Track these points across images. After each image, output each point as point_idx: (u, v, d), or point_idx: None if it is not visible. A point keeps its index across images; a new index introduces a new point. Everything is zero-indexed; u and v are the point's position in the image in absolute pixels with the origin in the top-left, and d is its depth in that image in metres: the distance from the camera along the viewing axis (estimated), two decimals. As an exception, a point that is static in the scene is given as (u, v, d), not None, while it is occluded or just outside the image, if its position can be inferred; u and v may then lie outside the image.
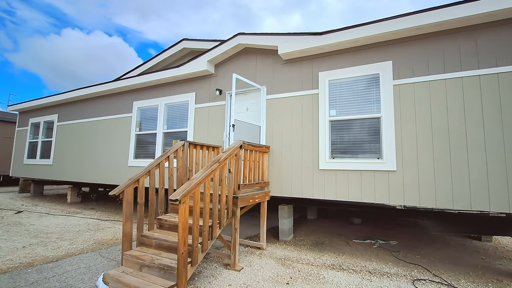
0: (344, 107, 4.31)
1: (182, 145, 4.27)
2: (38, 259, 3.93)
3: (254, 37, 4.97)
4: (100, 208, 8.15)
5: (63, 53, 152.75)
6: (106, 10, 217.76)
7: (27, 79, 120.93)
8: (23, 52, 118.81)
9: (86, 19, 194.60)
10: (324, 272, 3.72)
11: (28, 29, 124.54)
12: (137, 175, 3.55)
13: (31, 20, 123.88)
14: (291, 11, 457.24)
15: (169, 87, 6.29)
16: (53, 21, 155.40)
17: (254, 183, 4.19)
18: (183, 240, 2.81)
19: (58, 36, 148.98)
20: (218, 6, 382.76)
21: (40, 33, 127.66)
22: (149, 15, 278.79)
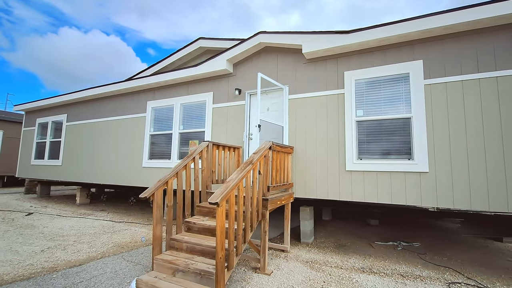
0: (371, 107, 4.23)
1: (206, 146, 4.17)
2: (60, 263, 3.81)
3: (276, 35, 4.88)
4: (111, 209, 8.02)
5: (60, 52, 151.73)
6: (105, 9, 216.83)
7: (25, 79, 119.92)
8: (20, 51, 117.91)
9: (84, 18, 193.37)
10: (355, 275, 3.65)
11: (25, 28, 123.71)
12: (165, 177, 3.45)
13: (28, 19, 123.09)
14: (290, 11, 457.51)
15: (185, 87, 6.18)
16: (51, 20, 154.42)
17: (281, 184, 4.11)
18: (221, 244, 2.72)
19: (55, 35, 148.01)
20: (217, 5, 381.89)
21: (38, 32, 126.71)
22: (148, 14, 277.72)
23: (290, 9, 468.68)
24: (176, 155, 6.04)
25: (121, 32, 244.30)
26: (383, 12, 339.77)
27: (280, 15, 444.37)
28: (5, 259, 3.92)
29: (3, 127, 12.29)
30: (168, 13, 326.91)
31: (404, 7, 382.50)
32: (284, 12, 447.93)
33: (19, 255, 4.09)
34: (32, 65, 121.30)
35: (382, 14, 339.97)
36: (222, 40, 6.29)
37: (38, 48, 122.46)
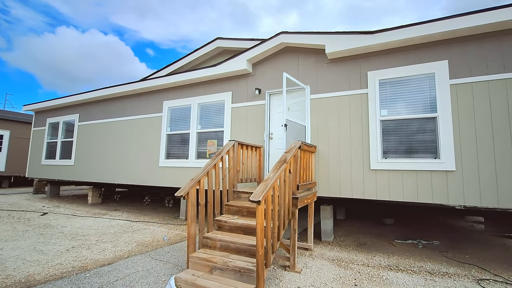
0: (395, 106, 4.28)
1: (232, 145, 4.20)
2: (89, 262, 3.82)
3: (298, 35, 4.92)
4: (124, 209, 8.02)
5: (58, 52, 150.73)
6: (103, 9, 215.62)
7: (22, 79, 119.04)
8: (17, 51, 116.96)
9: (82, 18, 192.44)
10: (384, 273, 3.69)
11: (22, 28, 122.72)
12: (197, 176, 3.47)
13: (26, 19, 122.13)
14: (288, 11, 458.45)
15: (203, 87, 6.20)
16: (48, 20, 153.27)
17: (308, 183, 4.14)
18: (261, 242, 2.75)
19: (52, 35, 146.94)
20: (215, 5, 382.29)
21: (35, 31, 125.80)
22: (146, 14, 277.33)
23: (288, 9, 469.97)
24: (194, 155, 6.06)
25: (119, 32, 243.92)
26: (382, 12, 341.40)
27: (279, 15, 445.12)
28: (31, 258, 3.92)
29: (10, 127, 12.24)
30: (166, 13, 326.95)
31: (403, 7, 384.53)
32: (282, 12, 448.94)
33: (45, 255, 4.09)
34: (29, 65, 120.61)
35: (381, 14, 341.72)
36: (240, 40, 6.32)
37: (35, 48, 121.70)
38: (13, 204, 8.41)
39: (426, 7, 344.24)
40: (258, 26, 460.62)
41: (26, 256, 4.02)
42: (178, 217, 6.83)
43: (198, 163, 5.97)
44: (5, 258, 3.91)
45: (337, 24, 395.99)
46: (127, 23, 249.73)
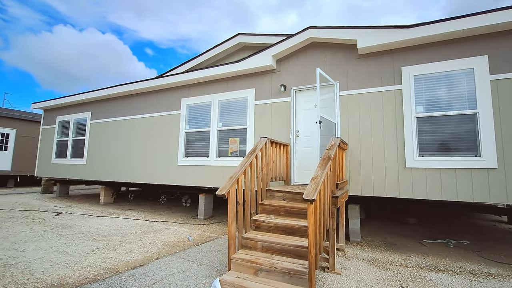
0: (432, 103, 4.16)
1: (265, 143, 4.07)
2: (119, 264, 3.68)
3: (327, 30, 4.79)
4: (138, 208, 7.86)
5: (55, 51, 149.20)
6: (101, 8, 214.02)
7: (19, 78, 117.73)
8: (14, 50, 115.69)
9: (80, 17, 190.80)
10: (425, 274, 3.58)
11: (20, 27, 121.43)
12: (235, 174, 3.34)
13: (23, 18, 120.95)
14: (287, 10, 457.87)
15: (224, 83, 6.06)
16: (46, 19, 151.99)
17: (343, 182, 4.03)
18: (313, 243, 2.63)
19: (50, 33, 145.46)
20: (215, 5, 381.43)
21: (32, 30, 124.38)
22: (145, 13, 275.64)
23: (287, 8, 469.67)
24: (215, 153, 5.92)
25: (118, 31, 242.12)
26: (381, 12, 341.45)
27: (278, 14, 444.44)
28: (58, 260, 3.77)
29: (16, 125, 12.01)
30: (165, 13, 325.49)
31: (403, 7, 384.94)
32: (281, 11, 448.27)
33: (71, 256, 3.94)
34: (27, 64, 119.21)
35: (380, 14, 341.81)
36: (261, 35, 6.18)
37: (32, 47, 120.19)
38: (23, 204, 8.23)
39: (425, 7, 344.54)
40: (257, 25, 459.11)
41: (52, 257, 3.86)
42: (196, 217, 6.70)
43: (220, 162, 5.84)
44: (29, 260, 3.76)
45: (336, 24, 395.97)
46: (126, 23, 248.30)
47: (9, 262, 3.66)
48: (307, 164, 5.04)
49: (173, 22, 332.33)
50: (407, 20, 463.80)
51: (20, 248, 4.25)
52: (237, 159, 5.64)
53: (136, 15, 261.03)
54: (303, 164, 5.08)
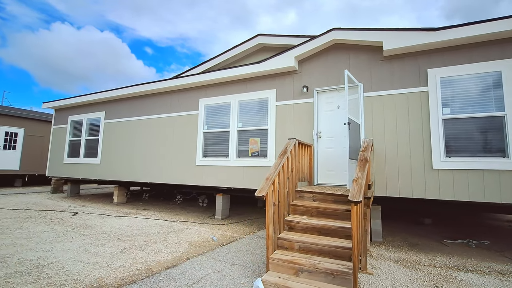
0: (459, 105, 4.21)
1: (294, 144, 4.09)
2: (152, 264, 3.70)
3: (352, 32, 4.82)
4: (152, 208, 7.87)
5: (53, 49, 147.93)
6: (100, 6, 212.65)
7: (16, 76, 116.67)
8: (11, 48, 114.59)
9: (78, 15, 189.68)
10: (455, 274, 3.62)
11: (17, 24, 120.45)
12: (271, 175, 3.36)
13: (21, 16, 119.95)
14: (286, 9, 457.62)
15: (243, 84, 6.07)
16: (44, 17, 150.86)
17: (370, 183, 4.06)
18: (357, 244, 2.66)
19: (47, 31, 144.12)
20: (213, 3, 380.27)
21: (30, 28, 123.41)
22: (143, 12, 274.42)
23: (286, 7, 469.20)
24: (234, 154, 5.94)
25: (116, 29, 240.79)
26: (380, 12, 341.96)
27: (277, 13, 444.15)
28: (89, 261, 3.78)
29: (24, 124, 11.95)
30: (163, 11, 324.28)
31: (401, 6, 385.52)
32: (280, 10, 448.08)
33: (101, 257, 3.95)
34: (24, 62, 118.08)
35: (379, 14, 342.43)
36: (282, 36, 6.20)
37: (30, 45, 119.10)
38: (37, 203, 8.21)
39: (424, 7, 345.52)
40: (256, 23, 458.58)
41: (82, 258, 3.87)
42: (213, 217, 6.72)
43: (240, 162, 5.86)
44: (61, 260, 3.77)
45: (335, 23, 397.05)
46: (124, 21, 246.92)
47: (40, 263, 3.67)
48: (330, 164, 5.08)
49: (172, 20, 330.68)
50: (406, 20, 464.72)
51: (47, 248, 4.26)
52: (257, 160, 5.66)
53: (134, 14, 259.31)
54: (325, 164, 5.11)
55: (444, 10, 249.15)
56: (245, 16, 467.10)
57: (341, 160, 4.94)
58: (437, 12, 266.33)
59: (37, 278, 3.21)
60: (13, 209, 7.27)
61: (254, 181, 5.64)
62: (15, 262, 3.67)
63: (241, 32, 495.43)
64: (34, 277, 3.23)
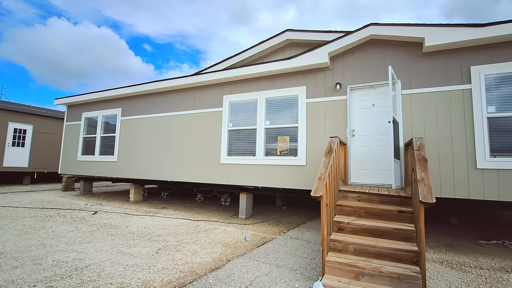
0: (504, 103, 4.10)
1: (336, 143, 3.97)
2: (195, 266, 3.58)
3: (390, 27, 4.69)
4: (170, 206, 7.73)
5: (49, 44, 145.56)
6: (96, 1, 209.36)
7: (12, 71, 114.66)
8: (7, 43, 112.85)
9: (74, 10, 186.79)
10: (505, 275, 3.54)
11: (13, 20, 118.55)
12: (322, 175, 3.24)
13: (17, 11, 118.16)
14: (286, 6, 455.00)
15: (270, 80, 5.93)
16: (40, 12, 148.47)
17: (417, 183, 3.96)
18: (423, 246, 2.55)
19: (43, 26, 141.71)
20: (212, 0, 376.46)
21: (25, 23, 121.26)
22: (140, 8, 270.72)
23: (286, 4, 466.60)
24: (262, 152, 5.81)
25: (113, 25, 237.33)
26: (380, 10, 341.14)
27: (276, 10, 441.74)
28: (127, 262, 3.65)
29: (33, 121, 11.71)
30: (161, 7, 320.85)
31: (401, 5, 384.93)
32: (280, 7, 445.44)
33: (138, 258, 3.82)
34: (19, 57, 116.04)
35: (379, 12, 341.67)
36: (311, 32, 6.05)
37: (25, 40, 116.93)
38: (51, 202, 8.04)
39: (423, 5, 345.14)
40: (256, 20, 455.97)
41: (119, 259, 3.74)
42: (237, 216, 6.60)
43: (268, 161, 5.73)
44: (98, 262, 3.63)
45: (334, 21, 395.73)
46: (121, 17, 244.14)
47: (77, 264, 3.54)
48: (364, 164, 4.97)
49: (170, 17, 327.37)
50: (406, 18, 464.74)
51: (78, 249, 4.12)
52: (287, 158, 5.54)
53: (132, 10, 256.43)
54: (360, 164, 5.01)
55: (444, 9, 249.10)
56: (244, 12, 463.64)
57: (376, 159, 4.84)
58: (437, 11, 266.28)
59: (80, 282, 3.07)
60: (29, 207, 7.10)
61: (284, 180, 5.52)
62: (50, 264, 3.53)
63: (240, 29, 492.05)
64: (76, 281, 3.10)
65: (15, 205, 7.35)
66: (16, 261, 3.59)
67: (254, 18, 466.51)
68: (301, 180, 5.33)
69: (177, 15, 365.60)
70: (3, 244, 4.26)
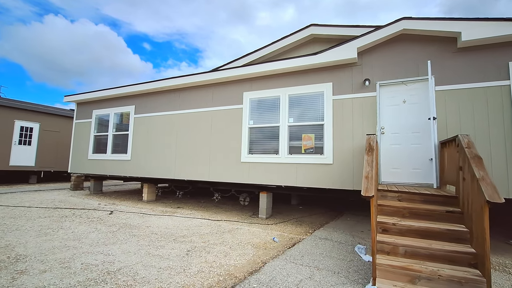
0: (546, 99, 3.98)
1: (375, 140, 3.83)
2: (231, 269, 3.43)
3: (424, 22, 4.55)
4: (186, 206, 7.57)
5: (46, 42, 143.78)
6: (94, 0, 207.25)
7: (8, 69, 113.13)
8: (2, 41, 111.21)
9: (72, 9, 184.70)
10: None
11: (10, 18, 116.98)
12: (369, 174, 3.11)
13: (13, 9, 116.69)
14: (285, 5, 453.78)
15: (293, 77, 5.77)
16: (37, 10, 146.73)
17: (458, 182, 3.82)
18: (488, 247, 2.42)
19: (40, 24, 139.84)
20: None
21: (22, 21, 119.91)
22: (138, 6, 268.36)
23: (285, 3, 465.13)
24: (285, 150, 5.66)
25: (111, 23, 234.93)
26: (379, 8, 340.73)
27: (275, 9, 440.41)
28: (159, 265, 3.49)
29: (39, 119, 11.48)
30: (159, 6, 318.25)
31: (400, 3, 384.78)
32: (278, 6, 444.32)
33: (170, 260, 3.67)
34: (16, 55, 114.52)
35: (378, 10, 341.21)
36: (337, 27, 5.89)
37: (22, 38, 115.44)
38: (63, 201, 7.86)
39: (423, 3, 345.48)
40: (255, 18, 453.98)
41: (150, 262, 3.59)
42: (256, 216, 6.46)
43: (292, 159, 5.59)
44: (129, 265, 3.48)
45: (333, 19, 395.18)
46: (119, 15, 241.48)
47: (108, 268, 3.38)
48: (395, 162, 4.84)
49: (168, 15, 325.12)
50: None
51: (104, 251, 3.96)
52: (313, 156, 5.40)
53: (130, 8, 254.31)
54: (390, 162, 4.87)
55: (444, 7, 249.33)
56: (243, 11, 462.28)
57: (408, 158, 4.71)
58: (437, 9, 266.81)
59: (117, 287, 2.92)
60: (41, 207, 6.92)
61: (309, 179, 5.38)
62: (80, 267, 3.37)
63: (239, 27, 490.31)
64: (112, 286, 2.95)
65: (26, 205, 7.16)
66: (43, 264, 3.43)
67: (253, 17, 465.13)
68: (327, 179, 5.20)
69: (176, 13, 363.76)
70: (24, 246, 4.10)
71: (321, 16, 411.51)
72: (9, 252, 3.82)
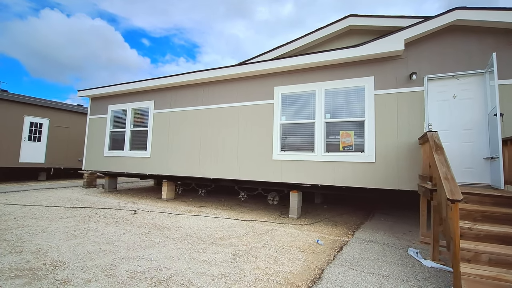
0: None
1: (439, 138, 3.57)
2: (289, 277, 3.19)
3: (481, 12, 4.26)
4: (208, 205, 7.31)
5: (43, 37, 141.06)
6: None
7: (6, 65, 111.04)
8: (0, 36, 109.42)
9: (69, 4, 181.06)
10: None
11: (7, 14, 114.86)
12: (447, 174, 2.85)
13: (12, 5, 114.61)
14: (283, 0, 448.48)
15: (329, 70, 5.48)
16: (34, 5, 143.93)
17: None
18: None
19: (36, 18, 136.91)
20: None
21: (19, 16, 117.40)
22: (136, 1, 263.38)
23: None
24: (322, 147, 5.40)
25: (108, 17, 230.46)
26: (377, 4, 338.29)
27: (273, 4, 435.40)
28: (210, 272, 3.23)
29: (49, 115, 11.10)
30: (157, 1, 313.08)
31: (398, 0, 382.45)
32: (277, 1, 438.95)
33: (219, 267, 3.41)
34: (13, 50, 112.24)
35: (377, 6, 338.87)
36: (378, 17, 5.58)
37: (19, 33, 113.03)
38: (79, 200, 7.57)
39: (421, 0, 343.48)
40: (253, 13, 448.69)
41: (199, 268, 3.33)
42: (286, 216, 6.22)
43: (329, 157, 5.32)
44: (177, 272, 3.22)
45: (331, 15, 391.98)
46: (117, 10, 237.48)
47: (157, 275, 3.12)
48: (444, 161, 4.58)
49: (166, 10, 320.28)
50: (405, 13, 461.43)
51: (144, 255, 3.70)
52: (352, 154, 5.14)
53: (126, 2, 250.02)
54: (438, 161, 4.61)
55: (444, 2, 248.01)
56: (241, 5, 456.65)
57: (459, 156, 4.46)
58: (437, 5, 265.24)
59: (175, 298, 2.66)
60: (60, 206, 6.64)
61: (347, 178, 5.13)
62: (125, 276, 3.11)
63: (237, 22, 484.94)
64: (170, 297, 2.69)
65: (43, 204, 6.87)
66: (85, 272, 3.16)
67: (252, 11, 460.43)
68: (369, 178, 4.95)
69: (173, 8, 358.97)
70: (57, 250, 3.82)
71: (318, 12, 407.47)
72: (43, 258, 3.55)
